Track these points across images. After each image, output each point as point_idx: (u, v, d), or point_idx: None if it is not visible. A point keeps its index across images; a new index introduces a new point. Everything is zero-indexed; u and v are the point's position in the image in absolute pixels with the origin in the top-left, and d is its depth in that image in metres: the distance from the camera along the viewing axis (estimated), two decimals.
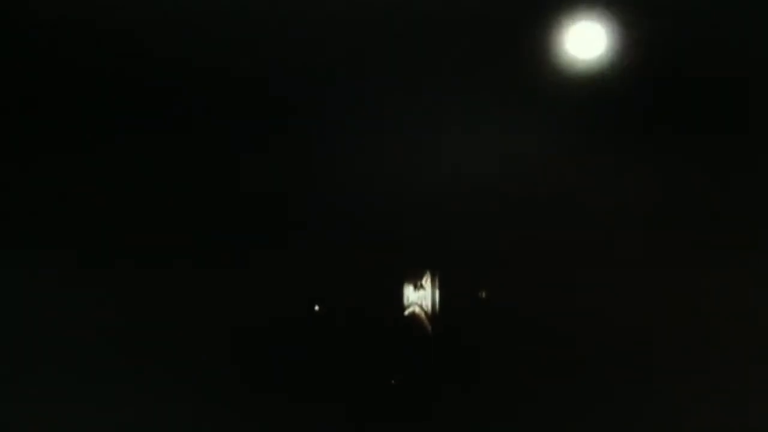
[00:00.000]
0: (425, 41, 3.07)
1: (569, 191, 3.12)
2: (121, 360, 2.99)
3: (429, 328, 3.27)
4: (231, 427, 3.05)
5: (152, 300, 3.05)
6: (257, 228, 3.18)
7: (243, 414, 3.06)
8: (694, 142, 3.08)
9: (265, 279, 3.13)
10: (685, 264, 3.01)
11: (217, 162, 3.17)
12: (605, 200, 3.09)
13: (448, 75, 3.11)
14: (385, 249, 3.21)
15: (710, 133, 3.06)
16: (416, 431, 3.13)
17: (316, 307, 3.23)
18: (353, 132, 3.16)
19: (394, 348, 3.24)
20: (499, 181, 3.14)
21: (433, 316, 3.26)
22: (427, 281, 3.28)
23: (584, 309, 3.06)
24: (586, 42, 3.09)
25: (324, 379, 3.15)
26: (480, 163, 3.13)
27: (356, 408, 3.13)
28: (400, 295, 3.29)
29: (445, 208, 3.18)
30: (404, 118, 3.14)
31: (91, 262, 3.02)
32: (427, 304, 3.27)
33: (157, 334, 3.04)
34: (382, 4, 3.03)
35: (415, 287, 3.29)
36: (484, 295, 3.21)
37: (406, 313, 3.29)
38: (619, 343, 3.02)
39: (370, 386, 3.19)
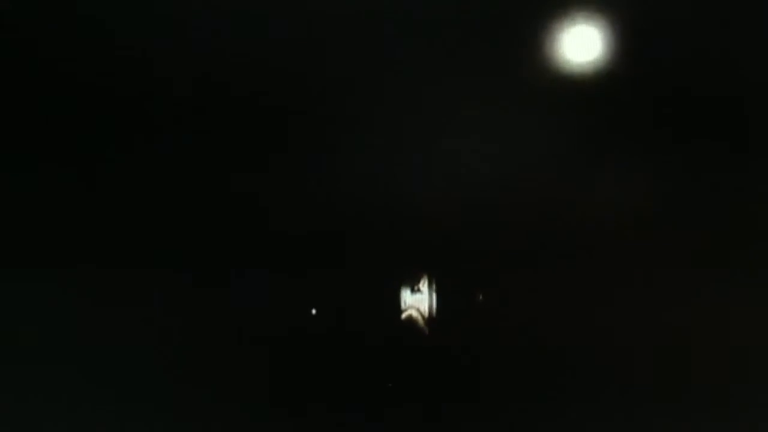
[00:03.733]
0: (424, 43, 3.06)
1: (568, 194, 3.12)
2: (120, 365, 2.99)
3: (426, 331, 3.27)
4: (227, 429, 3.04)
5: (149, 304, 3.04)
6: (254, 231, 3.16)
7: (238, 417, 3.05)
8: (694, 142, 3.09)
9: (262, 282, 3.12)
10: (685, 267, 3.02)
11: (212, 164, 3.15)
12: (604, 203, 3.10)
13: (447, 77, 3.10)
14: (382, 252, 3.20)
15: (710, 133, 3.07)
16: None
17: (313, 311, 3.22)
18: (350, 134, 3.15)
19: (391, 351, 3.23)
20: (497, 184, 3.14)
21: (431, 319, 3.26)
22: (424, 284, 3.28)
23: (583, 313, 3.06)
24: (585, 43, 3.09)
25: (320, 383, 3.14)
26: (478, 165, 3.12)
27: (352, 411, 3.12)
28: (397, 298, 3.28)
29: (442, 210, 3.17)
30: (401, 120, 3.13)
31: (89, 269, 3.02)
32: (425, 307, 3.27)
33: (156, 337, 3.03)
34: (379, 6, 3.02)
35: (413, 290, 3.28)
36: (481, 298, 3.21)
37: (403, 316, 3.28)
38: (618, 347, 3.03)
39: (367, 390, 3.18)
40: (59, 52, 3.01)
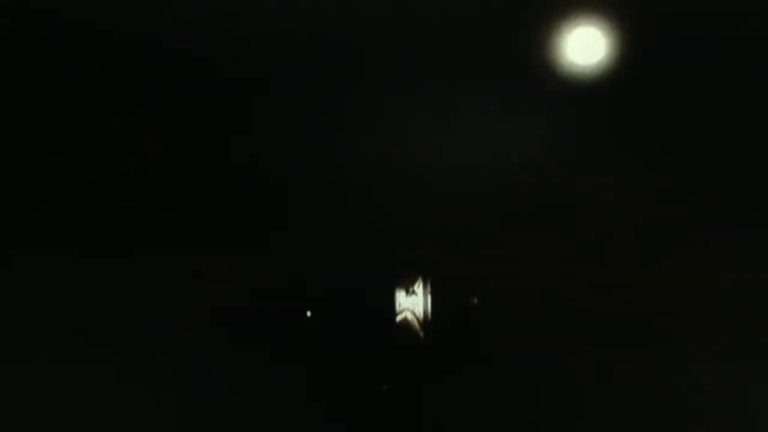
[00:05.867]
0: (423, 41, 3.06)
1: (566, 196, 3.12)
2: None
3: (421, 333, 3.26)
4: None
5: (144, 301, 3.05)
6: (249, 235, 3.17)
7: (234, 419, 3.05)
8: (693, 143, 3.09)
9: (257, 285, 3.12)
10: (683, 267, 3.01)
11: (209, 161, 3.16)
12: (603, 205, 3.09)
13: (445, 77, 3.10)
14: (377, 254, 3.21)
15: (710, 134, 3.07)
16: None
17: (308, 313, 3.22)
18: (346, 136, 3.16)
19: (386, 354, 3.23)
20: (494, 186, 3.14)
21: (425, 321, 3.26)
22: (419, 287, 3.27)
23: (580, 315, 3.06)
24: (586, 44, 3.08)
25: (315, 385, 3.14)
26: (475, 168, 3.13)
27: (347, 414, 3.12)
28: (392, 300, 3.28)
29: (438, 213, 3.17)
30: (398, 123, 3.14)
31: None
32: (420, 309, 3.27)
33: (151, 337, 3.04)
34: (382, 5, 3.02)
35: (408, 293, 3.28)
36: (476, 300, 3.20)
37: (398, 318, 3.28)
38: (616, 349, 3.02)
39: (362, 392, 3.18)
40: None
